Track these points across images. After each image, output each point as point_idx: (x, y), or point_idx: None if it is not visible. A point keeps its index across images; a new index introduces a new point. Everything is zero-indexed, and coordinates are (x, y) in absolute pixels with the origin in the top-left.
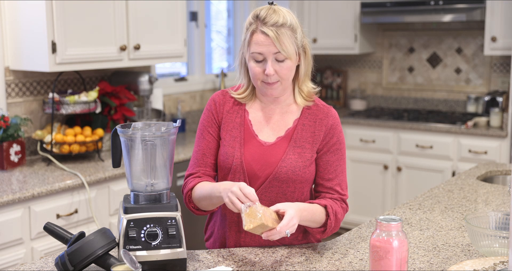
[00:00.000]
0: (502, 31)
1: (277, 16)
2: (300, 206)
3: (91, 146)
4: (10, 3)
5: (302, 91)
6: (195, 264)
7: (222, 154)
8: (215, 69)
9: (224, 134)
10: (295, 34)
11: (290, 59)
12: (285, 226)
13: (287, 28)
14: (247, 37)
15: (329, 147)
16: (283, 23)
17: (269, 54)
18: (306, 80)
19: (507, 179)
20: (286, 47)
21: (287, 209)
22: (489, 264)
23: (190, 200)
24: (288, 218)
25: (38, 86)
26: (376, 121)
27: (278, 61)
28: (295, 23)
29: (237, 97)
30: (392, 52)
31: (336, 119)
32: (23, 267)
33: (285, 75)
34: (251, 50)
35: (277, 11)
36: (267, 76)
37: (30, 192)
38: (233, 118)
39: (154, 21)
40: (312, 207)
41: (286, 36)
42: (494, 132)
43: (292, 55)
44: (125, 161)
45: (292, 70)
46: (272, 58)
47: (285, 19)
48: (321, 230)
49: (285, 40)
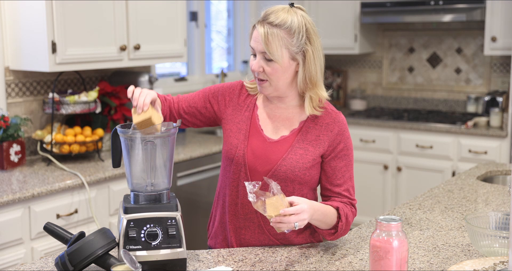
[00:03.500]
0: (502, 31)
1: (278, 16)
2: (315, 205)
3: (91, 146)
4: (10, 3)
5: (312, 99)
6: (195, 264)
7: (227, 144)
8: (215, 69)
9: (231, 125)
10: (291, 38)
11: (277, 62)
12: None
13: (283, 30)
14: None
15: (337, 153)
16: (278, 24)
17: (258, 51)
18: (314, 87)
19: (507, 179)
20: (273, 49)
21: (300, 202)
22: (489, 264)
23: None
24: (298, 207)
25: (38, 86)
26: (376, 121)
27: (266, 60)
28: (298, 28)
29: (248, 86)
30: (392, 52)
31: (344, 125)
32: (23, 267)
33: (271, 75)
34: (249, 43)
35: (285, 11)
36: (254, 71)
37: (30, 192)
38: (243, 111)
39: (154, 21)
40: (326, 208)
41: (277, 38)
42: (494, 132)
43: (278, 59)
44: (125, 161)
45: (280, 73)
46: (261, 55)
47: (284, 21)
48: (331, 232)
49: (273, 42)
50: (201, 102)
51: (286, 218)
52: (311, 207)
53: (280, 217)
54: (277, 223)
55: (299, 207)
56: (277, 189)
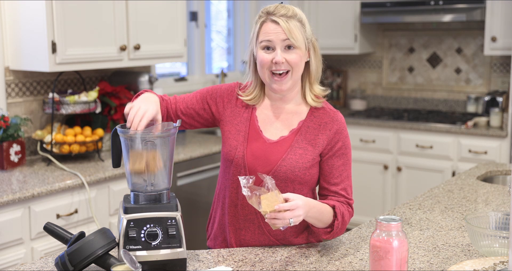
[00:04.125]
0: (502, 31)
1: (286, 10)
2: (311, 203)
3: (91, 146)
4: (10, 3)
5: (314, 90)
6: (195, 264)
7: (226, 146)
8: (215, 69)
9: (230, 127)
10: (304, 27)
11: (300, 49)
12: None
13: (296, 20)
14: (256, 29)
15: (335, 152)
16: (292, 15)
17: (278, 42)
18: (316, 80)
19: (507, 179)
20: (296, 35)
21: (295, 198)
22: (489, 264)
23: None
24: (293, 203)
25: (38, 86)
26: (376, 121)
27: (288, 50)
28: (304, 19)
29: (245, 100)
30: (392, 52)
31: (342, 124)
32: (23, 267)
33: (295, 64)
34: (260, 39)
35: (286, 6)
36: (276, 64)
37: (30, 192)
38: (241, 113)
39: (154, 21)
40: (321, 206)
41: (296, 27)
42: (494, 132)
43: (301, 45)
44: (125, 161)
45: (301, 60)
46: (281, 46)
47: (294, 12)
48: (327, 231)
49: (294, 29)
50: (199, 103)
51: (281, 214)
52: (307, 203)
53: (275, 213)
54: (272, 219)
55: (294, 203)
56: (272, 184)
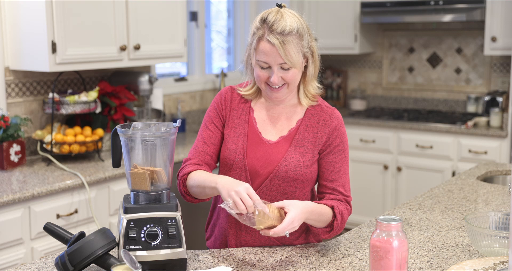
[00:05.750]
0: (502, 31)
1: (284, 23)
2: (308, 207)
3: (91, 146)
4: (10, 3)
5: (308, 91)
6: (195, 264)
7: (225, 149)
8: (215, 69)
9: (229, 130)
10: (301, 41)
11: (296, 68)
12: (283, 228)
13: (294, 36)
14: (253, 42)
15: (332, 148)
16: (290, 31)
17: (274, 64)
18: (313, 80)
19: (507, 179)
20: (292, 57)
21: (290, 209)
22: (489, 264)
23: (184, 184)
24: (288, 221)
25: (38, 86)
26: (376, 121)
27: (284, 70)
28: (303, 29)
29: (243, 94)
30: (392, 52)
31: (340, 121)
32: (23, 267)
33: (290, 80)
34: (257, 57)
35: (284, 16)
36: (273, 82)
37: (30, 192)
38: (238, 115)
39: (154, 21)
40: (321, 208)
41: (292, 45)
42: (494, 132)
43: (297, 64)
44: (125, 161)
45: (298, 75)
46: (277, 67)
47: (292, 26)
48: (326, 230)
49: (290, 50)
50: (216, 133)
51: (276, 229)
52: (304, 210)
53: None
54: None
55: (289, 220)
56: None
